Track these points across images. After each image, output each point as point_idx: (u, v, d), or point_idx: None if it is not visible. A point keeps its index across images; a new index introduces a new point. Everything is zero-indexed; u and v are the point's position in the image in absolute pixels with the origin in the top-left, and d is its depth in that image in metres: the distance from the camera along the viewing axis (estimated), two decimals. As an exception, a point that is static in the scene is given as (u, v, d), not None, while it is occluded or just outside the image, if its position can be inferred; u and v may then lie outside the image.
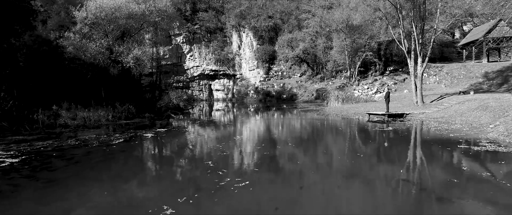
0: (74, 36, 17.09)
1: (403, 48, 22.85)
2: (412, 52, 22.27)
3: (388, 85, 39.72)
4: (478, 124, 12.64)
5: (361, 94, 38.35)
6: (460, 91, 24.73)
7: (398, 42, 23.79)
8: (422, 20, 20.93)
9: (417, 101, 22.12)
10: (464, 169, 6.63)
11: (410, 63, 22.80)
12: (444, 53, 50.50)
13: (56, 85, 16.62)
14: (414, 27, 21.05)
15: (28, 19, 16.62)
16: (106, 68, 17.84)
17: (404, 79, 41.17)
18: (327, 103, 35.61)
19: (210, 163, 7.40)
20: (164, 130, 14.07)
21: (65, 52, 16.18)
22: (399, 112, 17.85)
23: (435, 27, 20.49)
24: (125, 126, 15.58)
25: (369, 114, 18.12)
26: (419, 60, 22.09)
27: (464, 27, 58.05)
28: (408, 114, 17.86)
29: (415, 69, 22.91)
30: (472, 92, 23.07)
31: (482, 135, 10.40)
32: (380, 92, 38.67)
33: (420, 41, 21.47)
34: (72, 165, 7.32)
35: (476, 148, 8.37)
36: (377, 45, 41.51)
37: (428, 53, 21.57)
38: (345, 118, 18.98)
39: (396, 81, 40.89)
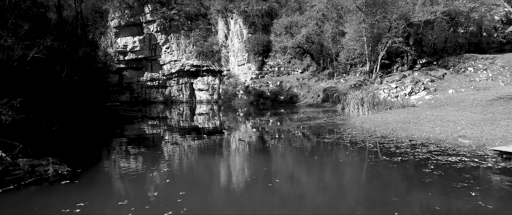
0: None
1: None
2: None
3: (423, 83, 29.00)
4: None
5: (389, 95, 27.58)
6: None
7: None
8: None
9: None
10: None
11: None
12: (482, 43, 39.86)
13: None
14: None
15: None
16: None
17: (443, 75, 30.48)
18: (343, 110, 24.78)
19: None
20: None
21: None
22: None
23: None
24: None
25: (503, 153, 7.34)
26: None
27: (495, 17, 47.08)
28: None
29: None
30: None
31: None
32: (416, 93, 27.93)
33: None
34: None
35: None
36: (407, 28, 30.57)
37: None
38: (429, 158, 8.09)
39: (433, 78, 30.15)
